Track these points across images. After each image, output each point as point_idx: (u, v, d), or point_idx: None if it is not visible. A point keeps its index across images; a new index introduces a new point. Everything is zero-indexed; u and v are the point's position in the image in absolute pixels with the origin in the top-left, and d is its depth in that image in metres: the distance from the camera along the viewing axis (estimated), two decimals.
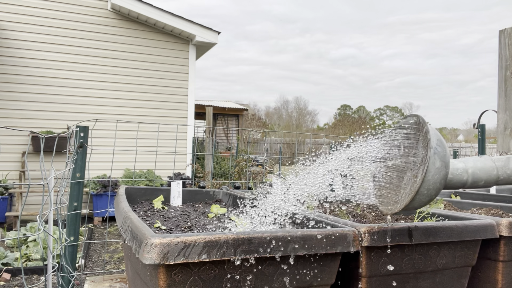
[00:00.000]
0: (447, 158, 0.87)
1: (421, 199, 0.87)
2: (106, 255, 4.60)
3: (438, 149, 0.85)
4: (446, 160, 0.86)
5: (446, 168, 0.87)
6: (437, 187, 0.86)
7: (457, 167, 0.91)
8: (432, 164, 0.84)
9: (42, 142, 1.70)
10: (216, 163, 9.76)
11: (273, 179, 2.08)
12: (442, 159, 0.85)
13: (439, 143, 0.87)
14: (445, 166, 0.87)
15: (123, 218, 1.19)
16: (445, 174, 0.86)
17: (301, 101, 56.85)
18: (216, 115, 18.10)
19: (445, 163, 0.86)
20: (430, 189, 0.85)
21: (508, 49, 3.36)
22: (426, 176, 0.83)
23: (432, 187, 0.85)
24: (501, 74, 3.42)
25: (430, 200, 0.89)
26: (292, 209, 1.13)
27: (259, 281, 0.96)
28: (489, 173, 0.93)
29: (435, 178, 0.85)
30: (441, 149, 0.86)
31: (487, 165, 0.92)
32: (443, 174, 0.85)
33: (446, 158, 0.86)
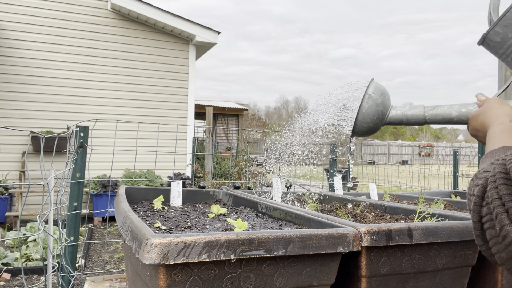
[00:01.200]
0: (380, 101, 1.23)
1: (361, 125, 1.24)
2: (106, 255, 4.60)
3: (372, 95, 1.23)
4: (378, 101, 1.23)
5: (377, 107, 1.23)
6: (371, 118, 1.23)
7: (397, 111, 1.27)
8: (365, 103, 1.21)
9: (42, 142, 1.70)
10: (216, 163, 9.76)
11: (273, 179, 2.08)
12: (374, 101, 1.22)
13: (375, 91, 1.24)
14: (376, 105, 1.23)
15: (123, 218, 1.19)
16: (376, 110, 1.23)
17: (301, 101, 56.87)
18: (216, 115, 18.10)
19: (377, 103, 1.23)
20: (365, 118, 1.22)
21: None
22: (360, 109, 1.21)
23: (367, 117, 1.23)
24: (501, 74, 3.42)
25: (369, 127, 1.25)
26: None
27: (259, 281, 0.96)
28: (418, 114, 1.26)
29: (368, 111, 1.22)
30: (375, 95, 1.23)
31: (418, 109, 1.27)
32: (374, 110, 1.23)
33: (378, 101, 1.23)
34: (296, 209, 1.43)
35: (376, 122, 1.25)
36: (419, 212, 1.48)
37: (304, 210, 1.44)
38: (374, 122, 1.25)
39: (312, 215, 1.30)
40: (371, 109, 1.22)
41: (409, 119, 1.28)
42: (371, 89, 1.25)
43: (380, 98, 1.24)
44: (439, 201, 1.65)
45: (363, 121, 1.23)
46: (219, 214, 1.61)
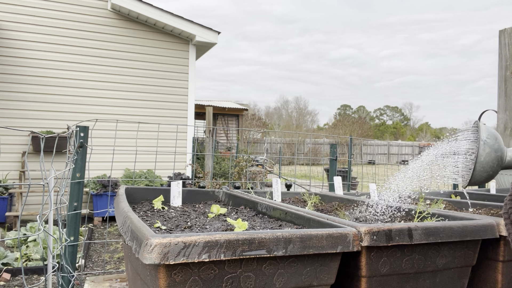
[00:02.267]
0: (497, 146, 1.20)
1: (480, 174, 1.21)
2: (106, 255, 4.60)
3: (487, 140, 1.19)
4: (495, 147, 1.20)
5: (496, 153, 1.20)
6: (490, 165, 1.20)
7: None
8: (482, 150, 1.18)
9: (42, 142, 1.70)
10: (216, 163, 9.76)
11: (272, 179, 2.08)
12: (491, 147, 1.19)
13: (489, 136, 1.21)
14: (495, 151, 1.20)
15: (123, 218, 1.19)
16: (495, 156, 1.20)
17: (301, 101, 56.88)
18: (216, 115, 18.10)
19: (495, 149, 1.20)
20: (484, 167, 1.19)
21: (508, 49, 3.36)
22: (478, 158, 1.18)
23: (486, 166, 1.19)
24: (501, 74, 3.42)
25: (488, 175, 1.22)
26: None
27: (259, 281, 0.96)
28: None
29: (487, 159, 1.19)
30: (490, 140, 1.20)
31: None
32: (493, 157, 1.19)
33: (495, 146, 1.20)
34: (296, 209, 1.43)
35: (495, 169, 1.20)
36: (419, 212, 1.48)
37: (304, 210, 1.44)
38: (493, 170, 1.20)
39: (312, 215, 1.30)
40: (490, 156, 1.18)
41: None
42: (484, 134, 1.19)
43: (496, 144, 1.19)
44: (439, 201, 1.65)
45: (482, 170, 1.18)
46: (219, 214, 1.61)
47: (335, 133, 30.79)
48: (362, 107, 64.82)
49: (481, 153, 1.16)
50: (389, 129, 55.72)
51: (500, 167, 1.19)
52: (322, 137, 27.47)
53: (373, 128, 46.55)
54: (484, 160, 1.17)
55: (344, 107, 66.14)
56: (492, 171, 1.19)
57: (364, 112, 63.06)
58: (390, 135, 50.81)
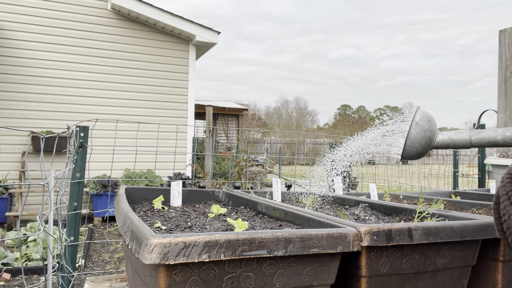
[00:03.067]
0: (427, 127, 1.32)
1: (410, 149, 1.32)
2: (106, 255, 4.60)
3: (419, 121, 1.31)
4: (425, 127, 1.31)
5: (425, 132, 1.31)
6: (419, 143, 1.31)
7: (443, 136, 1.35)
8: (413, 129, 1.31)
9: (42, 142, 1.70)
10: (216, 163, 9.75)
11: (272, 179, 2.08)
12: (421, 127, 1.31)
13: (422, 118, 1.33)
14: (424, 131, 1.31)
15: (123, 218, 1.19)
16: (424, 136, 1.31)
17: (301, 101, 56.89)
18: (216, 115, 18.09)
19: (424, 130, 1.31)
20: (414, 143, 1.30)
21: (508, 49, 3.36)
22: (409, 135, 1.30)
23: (415, 142, 1.31)
24: (501, 74, 3.42)
25: (417, 151, 1.32)
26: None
27: (259, 281, 0.96)
28: (464, 139, 1.33)
29: (416, 137, 1.30)
30: (421, 122, 1.32)
31: (464, 133, 1.34)
32: (422, 135, 1.31)
33: (425, 127, 1.32)
34: (296, 209, 1.43)
35: (424, 147, 1.35)
36: (419, 212, 1.48)
37: (304, 210, 1.44)
38: (422, 147, 1.34)
39: (312, 215, 1.30)
40: (419, 135, 1.32)
41: (455, 143, 1.36)
42: (418, 116, 1.36)
43: (427, 125, 1.34)
44: (439, 201, 1.65)
45: (411, 145, 1.33)
46: (219, 214, 1.61)
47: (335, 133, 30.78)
48: (362, 107, 64.84)
49: (411, 131, 1.32)
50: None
51: (429, 146, 1.35)
52: (322, 137, 27.48)
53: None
54: (414, 137, 1.32)
55: (344, 107, 66.15)
56: (421, 148, 1.34)
57: (364, 112, 63.08)
58: None
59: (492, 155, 3.40)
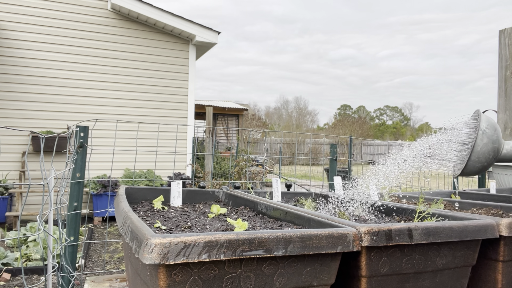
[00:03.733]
0: (495, 137, 1.16)
1: (474, 165, 1.17)
2: (106, 255, 4.60)
3: (486, 130, 1.15)
4: (493, 138, 1.16)
5: (493, 144, 1.16)
6: (486, 157, 1.16)
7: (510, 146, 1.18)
8: (480, 140, 1.14)
9: (42, 142, 1.70)
10: (216, 163, 9.75)
11: (272, 179, 2.08)
12: (489, 138, 1.15)
13: (488, 126, 1.17)
14: (493, 142, 1.16)
15: (123, 218, 1.19)
16: (492, 148, 1.16)
17: (301, 101, 56.90)
18: (216, 115, 18.09)
19: (493, 141, 1.16)
20: (480, 157, 1.15)
21: (508, 49, 3.36)
22: (475, 148, 1.13)
23: (482, 156, 1.15)
24: (501, 74, 3.42)
25: (482, 166, 1.17)
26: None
27: (259, 281, 0.96)
28: None
29: (483, 150, 1.14)
30: (489, 131, 1.16)
31: None
32: (490, 148, 1.15)
33: (493, 137, 1.15)
34: (296, 209, 1.43)
35: (490, 161, 1.16)
36: (419, 212, 1.48)
37: (304, 210, 1.44)
38: (488, 161, 1.15)
39: (312, 215, 1.30)
40: (487, 147, 1.13)
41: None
42: (484, 123, 1.15)
43: (495, 134, 1.13)
44: (439, 201, 1.65)
45: (476, 161, 1.13)
46: (219, 214, 1.61)
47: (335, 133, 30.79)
48: (362, 107, 64.84)
49: (478, 143, 1.12)
50: (389, 129, 55.73)
51: (495, 159, 1.16)
52: (322, 137, 27.48)
53: (373, 128, 46.57)
54: (480, 150, 1.13)
55: (344, 107, 66.16)
56: (487, 163, 1.16)
57: (364, 112, 63.08)
58: (390, 135, 50.83)
59: None
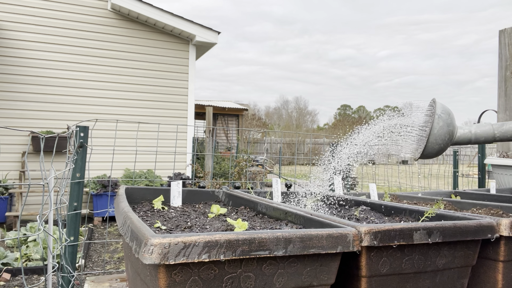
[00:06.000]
0: (450, 121, 1.25)
1: (432, 146, 1.23)
2: (106, 255, 4.60)
3: (441, 115, 1.24)
4: (448, 121, 1.24)
5: (448, 127, 1.24)
6: (442, 138, 1.24)
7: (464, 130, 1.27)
8: (436, 123, 1.22)
9: (42, 142, 1.70)
10: (216, 163, 9.75)
11: (272, 179, 2.08)
12: (445, 121, 1.23)
13: (443, 112, 1.26)
14: (447, 125, 1.24)
15: (123, 218, 1.19)
16: (447, 131, 1.24)
17: (301, 101, 56.89)
18: (216, 115, 18.10)
19: (447, 124, 1.24)
20: (437, 139, 1.22)
21: (508, 49, 3.36)
22: (432, 130, 1.21)
23: (438, 138, 1.23)
24: (501, 74, 3.42)
25: (440, 148, 1.25)
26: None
27: (259, 281, 0.96)
28: (487, 133, 1.25)
29: (440, 132, 1.23)
30: (444, 115, 1.25)
31: (486, 127, 1.26)
32: (445, 131, 1.23)
33: (448, 121, 1.24)
34: (296, 209, 1.43)
35: (446, 143, 1.25)
36: (419, 212, 1.48)
37: (304, 210, 1.44)
38: (444, 143, 1.25)
39: (312, 215, 1.30)
40: (443, 129, 1.23)
41: (477, 137, 1.27)
42: (439, 109, 1.25)
43: (449, 119, 1.24)
44: (439, 201, 1.65)
45: (434, 142, 1.23)
46: (219, 214, 1.61)
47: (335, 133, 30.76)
48: (362, 107, 64.84)
49: (435, 126, 1.22)
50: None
51: (450, 141, 1.25)
52: (322, 137, 27.48)
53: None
54: (437, 132, 1.22)
55: (344, 107, 66.16)
56: (444, 144, 1.25)
57: (364, 112, 63.07)
58: None
59: (492, 155, 3.39)
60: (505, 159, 3.06)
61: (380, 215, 1.66)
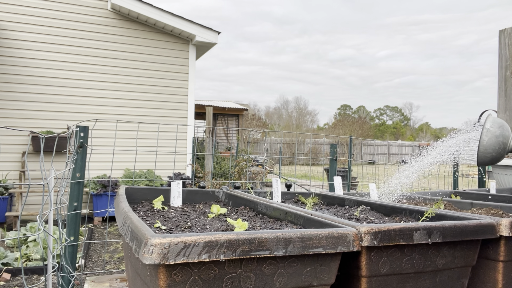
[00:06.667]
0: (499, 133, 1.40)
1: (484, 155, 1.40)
2: (106, 255, 4.60)
3: (490, 128, 1.40)
4: (496, 134, 1.40)
5: (497, 138, 1.40)
6: (493, 148, 1.40)
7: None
8: (484, 136, 1.39)
9: (42, 142, 1.70)
10: (216, 163, 9.75)
11: (272, 179, 2.08)
12: (493, 134, 1.40)
13: (493, 125, 1.42)
14: (496, 137, 1.40)
15: (123, 218, 1.19)
16: (496, 141, 1.40)
17: (301, 101, 56.90)
18: (216, 115, 18.10)
19: (496, 135, 1.40)
20: (487, 149, 1.39)
21: (508, 49, 3.36)
22: (481, 142, 1.39)
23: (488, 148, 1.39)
24: (501, 74, 3.42)
25: (492, 156, 1.41)
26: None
27: (259, 281, 0.96)
28: None
29: (489, 143, 1.40)
30: (493, 129, 1.41)
31: None
32: (494, 141, 1.40)
33: (496, 133, 1.40)
34: (296, 209, 1.43)
35: (499, 152, 1.42)
36: (419, 212, 1.48)
37: (304, 210, 1.44)
38: (496, 152, 1.42)
39: (312, 215, 1.30)
40: (491, 141, 1.41)
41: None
42: (489, 123, 1.43)
43: (498, 130, 1.41)
44: (439, 201, 1.65)
45: (484, 152, 1.41)
46: (219, 214, 1.61)
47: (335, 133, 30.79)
48: (362, 107, 64.83)
49: (483, 138, 1.39)
50: (389, 129, 55.72)
51: (504, 151, 1.41)
52: (322, 137, 27.48)
53: (373, 128, 46.54)
54: (486, 144, 1.40)
55: (344, 107, 66.16)
56: (495, 153, 1.42)
57: (364, 112, 63.07)
58: (390, 135, 50.81)
59: None
60: (505, 159, 3.06)
61: (380, 215, 1.65)
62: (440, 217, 1.41)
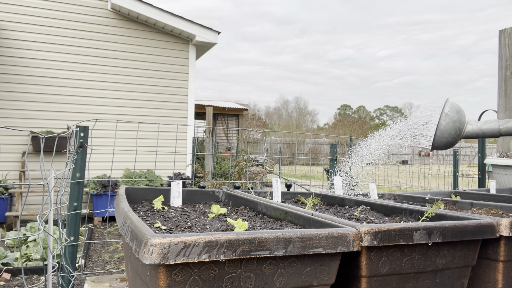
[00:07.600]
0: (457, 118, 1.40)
1: (440, 140, 1.38)
2: (106, 255, 4.60)
3: (448, 113, 1.39)
4: (455, 119, 1.40)
5: (455, 123, 1.39)
6: (448, 133, 1.39)
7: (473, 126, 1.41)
8: (443, 120, 1.38)
9: (42, 142, 1.70)
10: (216, 163, 9.75)
11: (272, 179, 2.08)
12: (451, 118, 1.38)
13: (451, 110, 1.41)
14: (453, 122, 1.38)
15: (123, 218, 1.19)
16: (454, 127, 1.39)
17: (301, 101, 56.89)
18: (216, 115, 18.09)
19: (453, 120, 1.39)
20: (443, 134, 1.38)
21: (508, 49, 3.36)
22: (438, 126, 1.38)
23: (445, 133, 1.38)
24: (501, 74, 3.42)
25: (447, 141, 1.40)
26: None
27: (259, 281, 0.96)
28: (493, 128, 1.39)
29: (446, 128, 1.38)
30: (451, 113, 1.39)
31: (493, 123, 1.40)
32: (451, 126, 1.39)
33: (454, 118, 1.39)
34: (296, 209, 1.43)
35: (454, 137, 1.42)
36: (419, 212, 1.48)
37: (304, 210, 1.44)
38: (452, 137, 1.42)
39: (312, 215, 1.30)
40: (448, 125, 1.40)
41: (484, 132, 1.43)
42: (447, 108, 1.43)
43: (456, 116, 1.41)
44: (439, 201, 1.65)
45: (441, 136, 1.41)
46: (219, 214, 1.61)
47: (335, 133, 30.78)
48: (362, 107, 64.85)
49: (441, 123, 1.39)
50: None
51: (459, 136, 1.42)
52: (322, 137, 27.49)
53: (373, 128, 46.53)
54: (444, 128, 1.40)
55: (344, 107, 66.17)
56: (451, 138, 1.42)
57: (364, 112, 63.08)
58: None
59: (492, 155, 3.39)
60: (505, 159, 3.06)
61: (380, 215, 1.65)
62: (440, 217, 1.41)
